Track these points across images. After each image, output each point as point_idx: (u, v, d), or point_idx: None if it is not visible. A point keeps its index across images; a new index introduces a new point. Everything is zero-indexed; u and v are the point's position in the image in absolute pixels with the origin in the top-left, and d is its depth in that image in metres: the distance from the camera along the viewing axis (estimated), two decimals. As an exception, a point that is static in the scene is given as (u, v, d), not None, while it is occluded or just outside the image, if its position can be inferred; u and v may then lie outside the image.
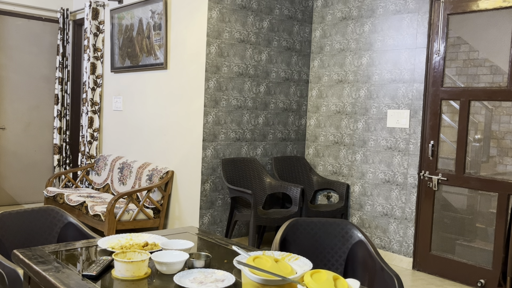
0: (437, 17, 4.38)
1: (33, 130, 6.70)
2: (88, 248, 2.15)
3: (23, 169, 6.60)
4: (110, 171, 5.73)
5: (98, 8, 6.10)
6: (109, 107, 6.16)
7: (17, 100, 6.54)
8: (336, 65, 5.23)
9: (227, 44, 4.82)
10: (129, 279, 1.76)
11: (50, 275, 1.76)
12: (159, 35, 5.21)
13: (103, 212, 4.62)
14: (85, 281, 1.73)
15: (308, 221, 2.54)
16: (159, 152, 5.32)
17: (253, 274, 1.56)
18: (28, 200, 6.62)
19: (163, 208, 4.98)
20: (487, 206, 4.17)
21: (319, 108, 5.42)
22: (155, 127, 5.40)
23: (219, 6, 4.74)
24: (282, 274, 1.57)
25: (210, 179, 4.83)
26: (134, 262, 1.76)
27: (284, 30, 5.28)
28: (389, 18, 4.73)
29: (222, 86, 4.83)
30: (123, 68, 5.83)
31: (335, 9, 5.25)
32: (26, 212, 2.65)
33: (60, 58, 6.57)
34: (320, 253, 2.19)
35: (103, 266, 1.83)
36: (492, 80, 4.12)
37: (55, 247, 2.11)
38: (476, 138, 4.34)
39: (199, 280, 1.73)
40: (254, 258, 1.64)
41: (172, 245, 2.07)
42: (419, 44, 4.48)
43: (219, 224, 4.92)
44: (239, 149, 5.01)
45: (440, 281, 4.28)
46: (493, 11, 4.07)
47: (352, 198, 5.04)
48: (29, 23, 6.57)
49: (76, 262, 2.01)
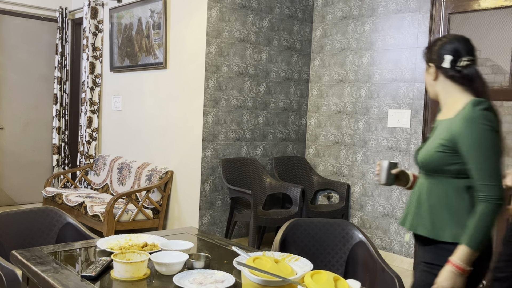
0: (438, 16, 4.36)
1: (32, 130, 6.68)
2: (87, 248, 2.14)
3: (22, 169, 6.58)
4: (109, 171, 5.71)
5: (97, 7, 6.08)
6: (108, 107, 6.14)
7: (16, 100, 6.52)
8: (336, 64, 5.21)
9: (227, 43, 4.81)
10: (128, 280, 1.75)
11: (49, 276, 1.75)
12: (159, 34, 5.19)
13: (102, 213, 4.60)
14: (84, 282, 1.72)
15: (309, 221, 2.53)
16: (159, 152, 5.30)
17: (253, 275, 1.56)
18: (26, 200, 6.60)
19: (162, 209, 4.97)
20: (488, 207, 4.16)
21: (320, 108, 5.40)
22: (154, 127, 5.38)
23: (218, 5, 4.72)
24: (282, 275, 1.56)
25: (209, 179, 4.81)
26: (133, 263, 1.75)
27: (284, 29, 5.26)
28: (390, 17, 4.72)
29: (222, 86, 4.81)
30: (122, 68, 5.81)
31: (336, 8, 5.23)
32: (24, 212, 2.64)
33: (58, 57, 6.55)
34: (321, 253, 2.18)
35: (102, 267, 1.82)
36: (494, 80, 4.10)
37: (53, 247, 2.10)
38: (477, 138, 4.33)
39: (198, 281, 1.72)
40: (254, 259, 1.64)
41: (172, 245, 2.06)
42: (420, 44, 4.47)
43: (219, 224, 4.91)
44: (239, 149, 5.00)
45: (441, 281, 4.25)
46: (495, 10, 4.05)
47: (352, 199, 5.03)
48: (28, 22, 6.55)
49: (75, 262, 1.99)
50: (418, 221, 1.95)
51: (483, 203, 1.77)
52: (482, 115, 1.79)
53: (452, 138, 1.84)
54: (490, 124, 1.78)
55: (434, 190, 1.92)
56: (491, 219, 1.77)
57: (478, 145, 1.78)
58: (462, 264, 1.77)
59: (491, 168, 1.77)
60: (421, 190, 1.98)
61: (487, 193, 1.77)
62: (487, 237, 1.78)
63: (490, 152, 1.77)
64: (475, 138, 1.78)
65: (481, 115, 1.79)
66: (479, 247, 1.77)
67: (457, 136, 1.82)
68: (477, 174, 1.79)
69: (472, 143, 1.79)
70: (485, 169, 1.77)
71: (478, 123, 1.78)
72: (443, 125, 1.92)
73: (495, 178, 1.78)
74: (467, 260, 1.77)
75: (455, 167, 1.84)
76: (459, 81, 1.92)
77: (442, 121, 1.95)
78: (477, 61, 1.94)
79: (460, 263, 1.77)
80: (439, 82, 1.97)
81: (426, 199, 1.94)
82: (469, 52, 1.92)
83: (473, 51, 1.93)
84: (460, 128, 1.81)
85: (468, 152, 1.80)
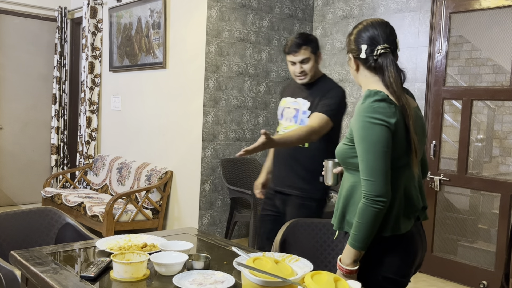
0: (439, 15, 4.35)
1: (31, 130, 6.67)
2: (86, 249, 2.13)
3: (21, 170, 6.57)
4: (108, 171, 5.69)
5: (97, 7, 6.06)
6: (107, 107, 6.12)
7: (15, 100, 6.50)
8: (337, 64, 5.20)
9: (226, 43, 4.79)
10: (128, 281, 1.74)
11: (48, 276, 1.74)
12: (158, 34, 5.18)
13: (101, 213, 4.58)
14: (83, 283, 1.71)
15: (309, 222, 2.52)
16: (158, 152, 5.29)
17: (253, 275, 1.55)
18: (25, 200, 6.58)
19: (162, 209, 4.95)
20: (490, 207, 4.14)
21: (319, 108, 5.38)
22: (154, 127, 5.36)
23: (218, 5, 4.71)
24: (283, 275, 1.56)
25: (209, 180, 4.80)
26: (132, 264, 1.74)
27: (284, 29, 5.25)
28: (390, 16, 4.70)
29: (222, 86, 4.80)
30: (122, 67, 5.80)
31: (336, 7, 5.22)
32: (23, 212, 2.63)
33: (58, 57, 6.54)
34: (321, 254, 2.17)
35: (102, 267, 1.81)
36: (495, 80, 4.09)
37: (53, 248, 2.09)
38: (478, 138, 4.31)
39: (198, 281, 1.71)
40: (254, 260, 1.63)
41: (171, 246, 2.05)
42: (420, 43, 4.45)
43: (219, 225, 4.89)
44: (239, 149, 4.98)
45: (442, 282, 4.25)
46: (496, 10, 4.03)
47: (352, 199, 5.01)
48: (27, 21, 6.53)
49: (74, 263, 1.98)
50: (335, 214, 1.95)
51: (362, 198, 1.73)
52: (370, 107, 1.72)
53: (350, 130, 1.81)
54: (377, 117, 1.71)
55: (344, 183, 1.91)
56: (368, 216, 1.71)
57: (362, 138, 1.72)
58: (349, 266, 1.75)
59: (371, 163, 1.70)
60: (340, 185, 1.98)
61: (365, 188, 1.72)
62: (367, 234, 1.72)
63: (372, 147, 1.70)
64: (360, 131, 1.73)
65: (369, 108, 1.72)
66: (361, 246, 1.73)
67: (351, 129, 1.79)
68: (360, 168, 1.74)
69: (357, 135, 1.74)
70: (365, 163, 1.72)
71: (364, 115, 1.72)
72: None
73: (374, 174, 1.70)
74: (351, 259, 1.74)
75: (355, 160, 1.79)
76: (375, 71, 1.83)
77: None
78: (396, 47, 1.84)
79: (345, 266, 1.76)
80: (360, 72, 1.88)
81: (340, 192, 1.95)
82: (387, 38, 1.81)
83: (390, 36, 1.83)
84: (353, 121, 1.77)
85: (356, 145, 1.76)
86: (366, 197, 1.71)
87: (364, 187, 1.72)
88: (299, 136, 2.57)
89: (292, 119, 2.87)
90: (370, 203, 1.71)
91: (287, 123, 2.89)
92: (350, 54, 1.89)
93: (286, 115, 2.91)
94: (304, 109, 2.83)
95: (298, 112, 2.85)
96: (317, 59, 2.90)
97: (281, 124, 2.97)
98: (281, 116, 2.97)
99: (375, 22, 1.84)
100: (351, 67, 1.92)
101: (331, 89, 2.85)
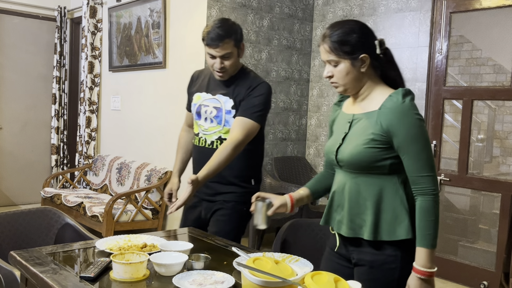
0: (440, 15, 4.34)
1: (30, 130, 6.66)
2: (86, 249, 2.12)
3: (20, 170, 6.56)
4: (108, 171, 5.68)
5: (96, 7, 6.06)
6: (107, 107, 6.12)
7: (14, 100, 6.49)
8: (336, 64, 5.19)
9: (226, 43, 4.78)
10: (128, 281, 1.74)
11: (48, 276, 1.74)
12: (158, 33, 5.17)
13: (101, 213, 4.58)
14: (83, 283, 1.70)
15: (309, 222, 2.51)
16: (158, 152, 5.28)
17: (253, 275, 1.55)
18: (25, 200, 6.58)
19: (162, 209, 4.94)
20: (490, 207, 4.14)
21: (320, 108, 5.38)
22: (153, 126, 5.35)
23: (218, 4, 4.70)
24: (283, 275, 1.55)
25: (209, 179, 4.78)
26: (132, 264, 1.74)
27: (284, 29, 5.24)
28: (391, 16, 4.70)
29: (222, 85, 4.79)
30: (121, 67, 5.79)
31: (336, 7, 5.21)
32: (23, 213, 2.63)
33: (57, 57, 6.53)
34: (321, 254, 2.16)
35: (101, 267, 1.80)
36: (495, 79, 4.09)
37: (52, 248, 2.08)
38: (479, 138, 4.31)
39: (198, 281, 1.70)
40: (254, 260, 1.63)
41: (171, 246, 2.05)
42: (421, 43, 4.44)
43: (219, 224, 4.88)
44: (239, 149, 4.97)
45: (443, 283, 4.24)
46: (496, 9, 4.03)
47: (352, 199, 5.01)
48: (26, 21, 6.52)
49: (74, 263, 1.98)
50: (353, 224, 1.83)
51: (423, 196, 1.71)
52: (414, 105, 1.74)
53: (384, 131, 1.73)
54: (420, 114, 1.74)
55: (369, 191, 1.79)
56: (437, 211, 1.71)
57: (416, 136, 1.70)
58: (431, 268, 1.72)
59: (430, 160, 1.72)
60: (350, 191, 1.84)
61: (427, 184, 1.70)
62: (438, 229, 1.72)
63: (426, 143, 1.72)
64: (412, 129, 1.70)
65: (413, 106, 1.73)
66: (434, 244, 1.71)
67: (390, 129, 1.72)
68: (414, 167, 1.71)
69: (408, 134, 1.70)
70: (424, 160, 1.71)
71: (413, 113, 1.72)
72: (367, 119, 1.79)
73: (434, 168, 1.73)
74: (431, 261, 1.71)
75: (387, 162, 1.75)
76: (381, 68, 1.81)
77: (362, 114, 1.82)
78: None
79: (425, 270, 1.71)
80: (365, 73, 1.80)
81: (357, 201, 1.81)
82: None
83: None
84: (391, 120, 1.72)
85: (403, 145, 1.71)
86: (431, 192, 1.71)
87: (426, 183, 1.70)
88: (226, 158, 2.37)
89: (214, 119, 2.56)
90: (436, 197, 1.72)
91: (207, 124, 2.58)
92: (364, 54, 1.76)
93: (205, 115, 2.58)
94: (228, 108, 2.52)
95: (221, 112, 2.53)
96: (240, 53, 2.51)
97: (199, 125, 2.63)
98: (197, 116, 2.63)
99: (358, 21, 1.83)
100: (355, 69, 1.78)
101: (256, 87, 2.50)
